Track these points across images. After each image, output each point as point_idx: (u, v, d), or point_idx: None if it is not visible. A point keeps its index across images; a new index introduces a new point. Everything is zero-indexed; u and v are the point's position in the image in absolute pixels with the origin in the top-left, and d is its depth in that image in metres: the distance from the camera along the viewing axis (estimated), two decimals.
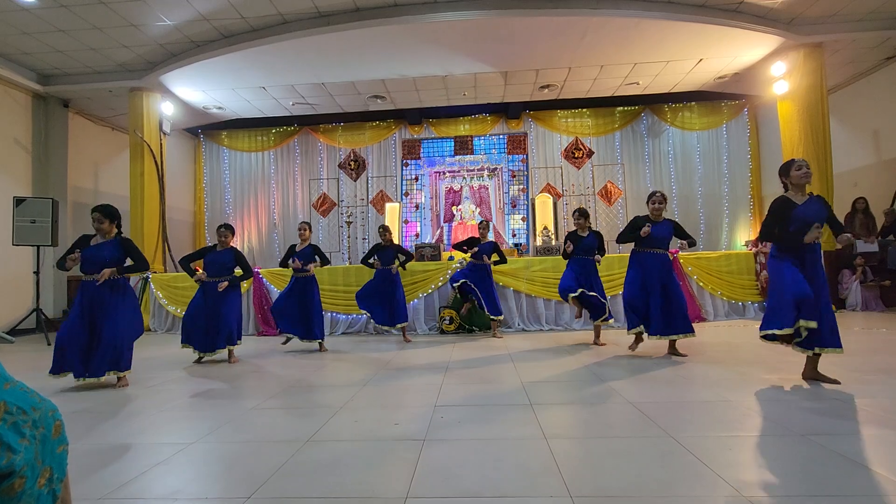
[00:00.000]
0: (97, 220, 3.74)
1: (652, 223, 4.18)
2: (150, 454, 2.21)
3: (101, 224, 3.75)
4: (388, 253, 5.82)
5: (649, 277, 4.18)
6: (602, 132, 10.57)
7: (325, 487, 1.78)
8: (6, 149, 7.54)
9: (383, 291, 5.74)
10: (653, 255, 4.22)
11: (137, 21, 6.48)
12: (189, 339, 4.66)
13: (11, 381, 1.17)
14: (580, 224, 5.04)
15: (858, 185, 8.21)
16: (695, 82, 8.79)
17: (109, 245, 3.77)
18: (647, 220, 4.21)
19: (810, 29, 7.09)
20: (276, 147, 11.22)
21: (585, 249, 4.99)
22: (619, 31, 6.91)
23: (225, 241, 4.86)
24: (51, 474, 1.17)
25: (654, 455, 1.98)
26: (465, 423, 2.51)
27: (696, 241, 4.49)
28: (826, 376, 3.07)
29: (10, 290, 7.43)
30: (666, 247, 4.26)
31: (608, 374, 3.57)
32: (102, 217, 3.75)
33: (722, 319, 6.62)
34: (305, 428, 2.49)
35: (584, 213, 5.04)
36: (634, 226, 4.23)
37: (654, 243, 4.21)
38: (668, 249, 4.30)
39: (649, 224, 4.13)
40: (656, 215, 4.27)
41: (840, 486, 1.66)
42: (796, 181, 3.13)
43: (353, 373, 3.99)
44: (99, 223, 3.74)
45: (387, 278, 5.75)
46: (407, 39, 6.95)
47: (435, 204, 10.63)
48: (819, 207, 3.11)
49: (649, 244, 4.21)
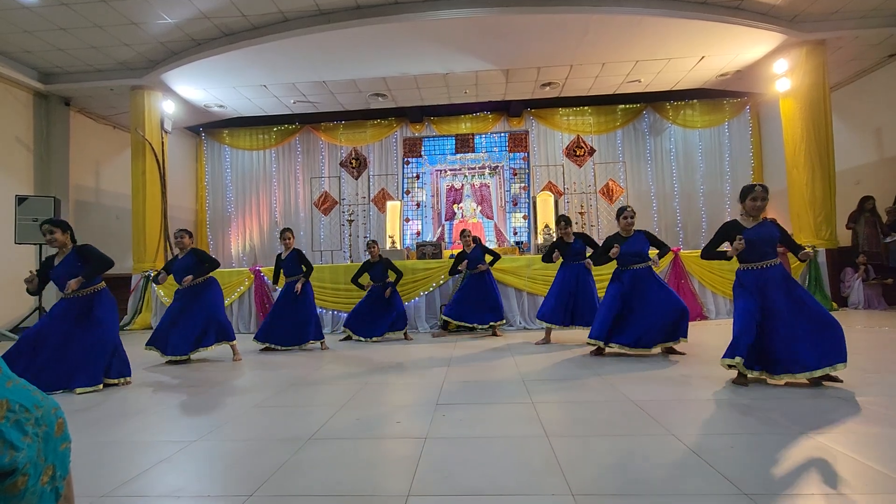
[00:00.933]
0: (48, 231, 3.64)
1: (623, 240, 4.21)
2: (152, 452, 2.21)
3: (53, 235, 3.64)
4: (377, 269, 5.82)
5: (628, 295, 4.14)
6: (604, 130, 10.55)
7: (326, 485, 1.79)
8: (8, 147, 7.55)
9: (378, 308, 5.75)
10: (632, 272, 4.19)
11: (138, 19, 6.47)
12: (156, 342, 4.57)
13: (14, 379, 1.17)
14: (566, 232, 5.07)
15: (861, 183, 8.18)
16: (697, 80, 8.76)
17: (68, 259, 3.69)
18: (618, 238, 4.24)
19: (813, 26, 7.07)
20: (278, 145, 11.23)
21: (575, 255, 5.03)
22: (620, 29, 6.89)
23: (183, 245, 4.73)
24: (53, 472, 1.17)
25: (656, 453, 1.97)
26: (467, 421, 2.51)
27: (669, 248, 4.51)
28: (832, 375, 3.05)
29: (13, 289, 7.44)
30: (644, 259, 4.22)
31: (610, 372, 3.57)
32: (53, 228, 3.65)
33: (724, 317, 6.61)
34: (307, 426, 2.49)
35: (567, 221, 5.11)
36: (606, 247, 4.25)
37: (631, 260, 4.19)
38: (648, 261, 4.24)
39: (617, 245, 4.14)
40: (627, 231, 4.26)
41: (841, 483, 1.66)
42: (749, 210, 3.19)
43: (355, 371, 3.99)
44: (50, 234, 3.63)
45: (380, 296, 5.78)
46: (408, 37, 6.94)
47: (436, 202, 10.63)
48: (770, 229, 3.17)
49: (625, 262, 4.21)
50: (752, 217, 3.20)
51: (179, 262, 4.73)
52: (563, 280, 5.06)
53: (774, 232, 3.17)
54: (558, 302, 4.98)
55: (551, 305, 5.02)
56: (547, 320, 5.02)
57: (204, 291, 4.70)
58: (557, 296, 5.01)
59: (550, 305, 5.03)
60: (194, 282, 4.63)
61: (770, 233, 3.15)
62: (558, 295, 5.01)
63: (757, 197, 3.13)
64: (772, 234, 3.15)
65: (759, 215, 3.21)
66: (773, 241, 3.15)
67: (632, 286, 4.15)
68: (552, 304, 5.01)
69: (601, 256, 4.31)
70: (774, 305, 3.04)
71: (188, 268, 4.65)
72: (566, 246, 5.04)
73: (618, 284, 4.22)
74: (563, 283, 5.04)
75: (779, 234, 3.20)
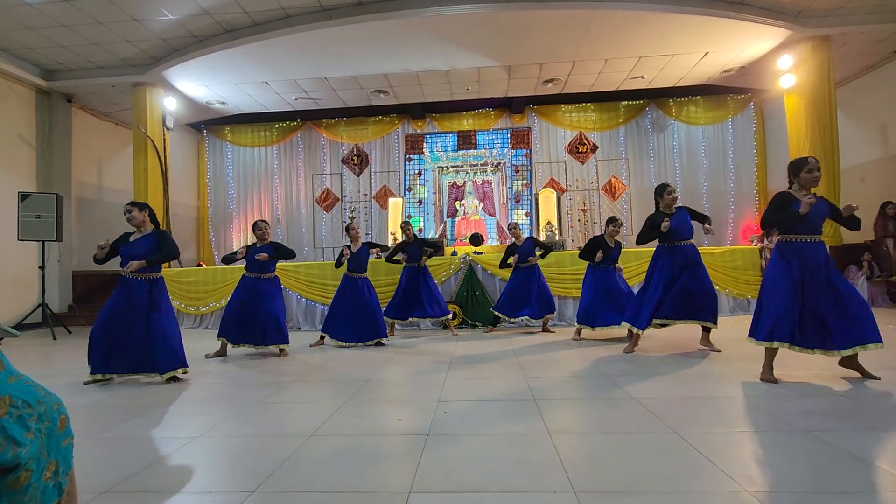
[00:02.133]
0: (126, 211, 3.73)
1: (668, 216, 4.09)
2: (155, 448, 2.22)
3: (131, 213, 3.71)
4: (413, 248, 5.68)
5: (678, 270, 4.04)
6: (606, 127, 10.51)
7: (329, 481, 1.79)
8: (10, 144, 7.56)
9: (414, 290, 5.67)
10: (681, 249, 4.10)
11: (139, 16, 6.47)
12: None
13: (16, 375, 1.17)
14: (615, 233, 4.99)
15: (865, 179, 8.13)
16: (700, 76, 8.71)
17: (146, 239, 3.75)
18: (663, 215, 4.11)
19: (818, 21, 7.01)
20: (279, 142, 11.22)
21: (609, 260, 4.98)
22: (623, 25, 6.85)
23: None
24: (56, 467, 1.18)
25: (658, 451, 1.97)
26: (469, 418, 2.51)
27: (710, 219, 4.33)
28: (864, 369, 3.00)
29: (16, 285, 7.48)
30: (690, 236, 4.15)
31: (612, 369, 3.56)
32: (131, 207, 3.74)
33: (727, 315, 6.59)
34: (310, 422, 2.50)
35: (620, 224, 5.03)
36: (653, 223, 4.10)
37: (680, 235, 4.09)
38: (692, 239, 4.17)
39: (667, 218, 4.04)
40: (670, 208, 4.16)
41: (844, 482, 1.65)
42: (805, 182, 3.10)
43: (357, 368, 4.00)
44: (129, 213, 3.71)
45: (415, 276, 5.69)
46: (410, 33, 6.92)
47: (438, 199, 10.61)
48: (822, 205, 3.09)
49: (673, 238, 4.10)
50: (807, 191, 3.12)
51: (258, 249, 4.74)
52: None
53: (825, 207, 3.10)
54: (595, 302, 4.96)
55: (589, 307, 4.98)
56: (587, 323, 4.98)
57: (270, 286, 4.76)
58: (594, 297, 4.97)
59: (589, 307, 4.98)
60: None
61: (822, 208, 3.08)
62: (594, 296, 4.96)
63: (813, 168, 3.05)
64: (823, 210, 3.08)
65: (811, 189, 3.13)
66: (824, 217, 3.10)
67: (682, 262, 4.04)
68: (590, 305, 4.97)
69: (648, 234, 4.14)
70: (814, 282, 2.97)
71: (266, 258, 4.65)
72: (608, 248, 4.95)
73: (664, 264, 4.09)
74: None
75: (828, 209, 3.12)
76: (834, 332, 2.89)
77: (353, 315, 5.10)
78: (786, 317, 2.96)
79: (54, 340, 6.32)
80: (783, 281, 3.02)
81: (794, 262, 3.03)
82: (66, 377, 3.80)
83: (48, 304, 6.99)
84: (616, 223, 4.97)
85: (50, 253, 7.40)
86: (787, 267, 3.03)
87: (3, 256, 7.26)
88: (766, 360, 3.07)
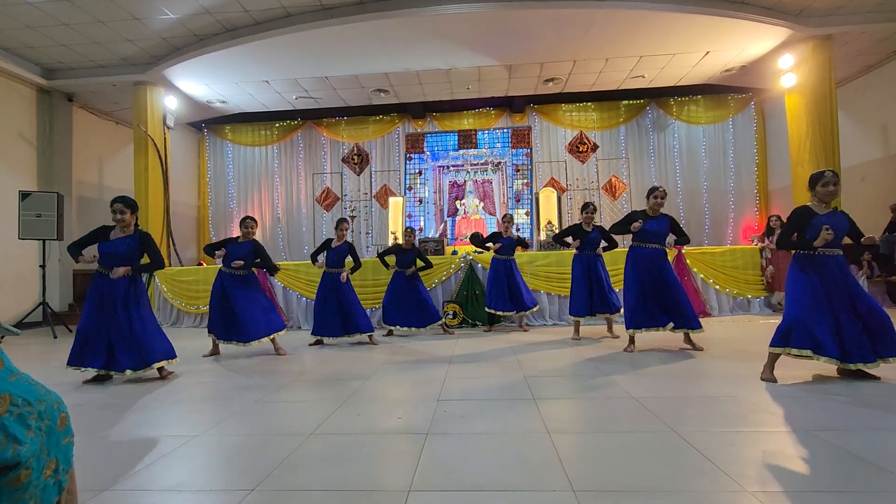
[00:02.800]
0: (118, 210, 3.62)
1: (649, 219, 4.21)
2: (154, 446, 2.22)
3: (123, 215, 3.63)
4: (407, 256, 5.69)
5: (645, 273, 4.16)
6: (607, 126, 10.50)
7: (328, 480, 1.79)
8: (11, 143, 7.57)
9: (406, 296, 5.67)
10: (650, 250, 4.21)
11: (140, 14, 6.47)
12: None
13: (17, 373, 1.17)
14: (589, 219, 5.11)
15: (866, 179, 8.13)
16: (701, 75, 8.70)
17: (129, 240, 3.68)
18: (644, 216, 4.23)
19: (819, 21, 7.00)
20: (280, 141, 11.23)
21: (590, 244, 5.10)
22: (624, 24, 6.84)
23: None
24: (56, 465, 1.18)
25: (658, 450, 1.97)
26: (468, 416, 2.51)
27: (689, 240, 4.47)
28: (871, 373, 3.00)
29: (17, 284, 7.49)
30: (662, 242, 4.25)
31: (611, 368, 3.56)
32: (124, 208, 3.64)
33: (727, 315, 6.59)
34: (309, 421, 2.50)
35: (593, 208, 5.15)
36: (629, 219, 4.25)
37: (650, 238, 4.20)
38: (665, 245, 4.27)
39: (641, 220, 4.15)
40: (655, 211, 4.26)
41: (844, 482, 1.65)
42: (821, 196, 3.09)
43: (356, 367, 4.00)
44: (121, 213, 3.63)
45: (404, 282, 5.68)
46: (410, 32, 6.91)
47: (438, 198, 10.62)
48: (842, 220, 3.07)
49: (644, 238, 4.22)
50: (825, 204, 3.11)
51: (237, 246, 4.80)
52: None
53: (845, 223, 3.08)
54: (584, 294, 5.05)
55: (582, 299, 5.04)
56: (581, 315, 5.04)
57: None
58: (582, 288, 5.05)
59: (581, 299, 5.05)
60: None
61: (842, 223, 3.06)
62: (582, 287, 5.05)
63: (828, 182, 3.04)
64: (844, 225, 3.06)
65: (830, 202, 3.12)
66: (844, 232, 3.08)
67: (648, 264, 4.16)
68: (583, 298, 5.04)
69: (620, 227, 4.28)
70: (835, 296, 2.97)
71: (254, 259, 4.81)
72: (584, 234, 5.05)
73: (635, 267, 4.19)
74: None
75: (848, 225, 3.10)
76: (857, 345, 2.88)
77: (340, 309, 5.19)
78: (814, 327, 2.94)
79: (55, 339, 6.33)
80: (807, 293, 3.01)
81: (814, 275, 3.03)
82: (66, 375, 3.80)
83: (49, 302, 7.00)
84: (589, 209, 5.09)
85: (50, 252, 7.41)
86: (808, 280, 3.03)
87: (4, 255, 7.27)
88: (769, 361, 3.08)
